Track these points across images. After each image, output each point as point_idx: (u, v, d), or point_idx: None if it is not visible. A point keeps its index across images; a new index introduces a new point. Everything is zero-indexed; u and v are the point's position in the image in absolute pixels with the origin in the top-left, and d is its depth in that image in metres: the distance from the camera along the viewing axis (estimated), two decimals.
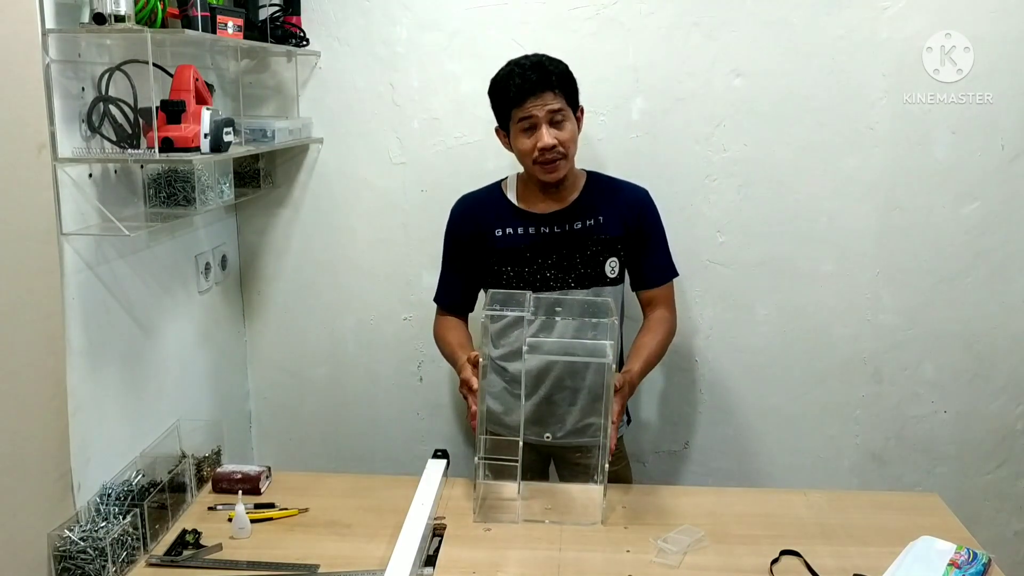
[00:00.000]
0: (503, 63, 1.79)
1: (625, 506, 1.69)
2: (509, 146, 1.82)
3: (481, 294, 1.91)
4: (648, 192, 1.90)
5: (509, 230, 1.84)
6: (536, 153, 1.72)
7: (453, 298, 1.92)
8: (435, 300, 1.95)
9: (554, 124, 1.72)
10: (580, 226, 1.83)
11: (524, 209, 1.85)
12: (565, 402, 1.85)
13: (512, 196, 1.87)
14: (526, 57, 1.76)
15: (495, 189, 1.91)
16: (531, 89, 1.70)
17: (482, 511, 1.65)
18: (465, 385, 1.62)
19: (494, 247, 1.84)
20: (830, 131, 2.13)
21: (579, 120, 1.81)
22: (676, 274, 1.92)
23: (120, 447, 1.69)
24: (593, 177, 1.89)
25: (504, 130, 1.81)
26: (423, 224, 2.24)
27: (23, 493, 1.38)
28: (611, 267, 1.83)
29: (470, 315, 1.96)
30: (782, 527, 1.62)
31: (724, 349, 2.28)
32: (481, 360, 1.59)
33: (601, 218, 1.83)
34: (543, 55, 1.77)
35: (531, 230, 1.83)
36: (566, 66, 1.77)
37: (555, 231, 1.83)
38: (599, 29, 2.12)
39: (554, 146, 1.71)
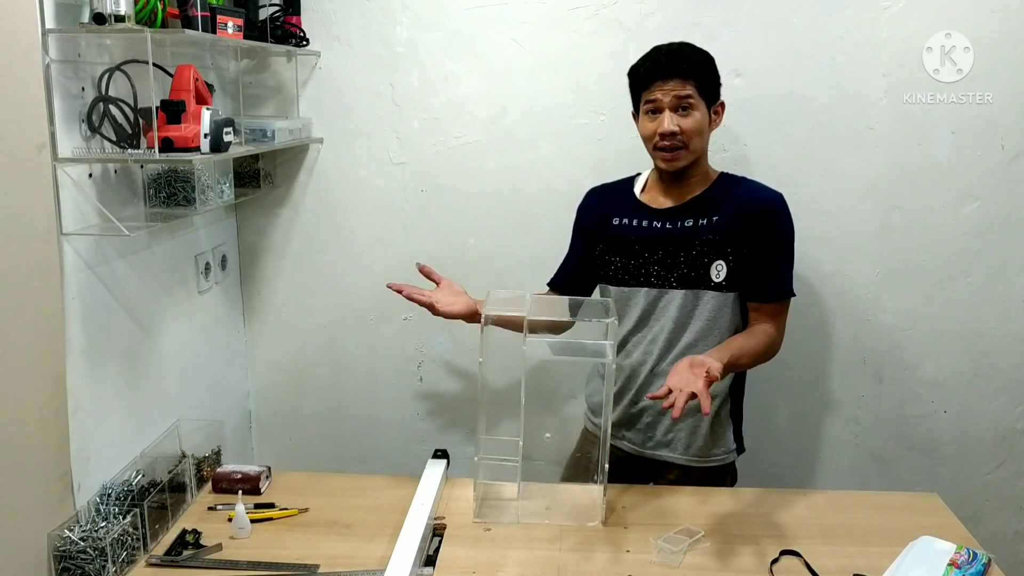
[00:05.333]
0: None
1: (625, 506, 1.69)
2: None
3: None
4: (782, 197, 1.75)
5: (625, 220, 1.80)
6: (656, 138, 1.68)
7: (560, 279, 1.93)
8: (548, 284, 1.95)
9: (680, 111, 1.67)
10: (691, 224, 1.74)
11: (644, 203, 1.80)
12: (652, 410, 1.81)
13: (638, 189, 1.83)
14: (669, 44, 1.72)
15: (626, 181, 1.87)
16: (659, 73, 1.66)
17: (482, 511, 1.65)
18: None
19: (608, 235, 1.81)
20: (830, 131, 2.13)
21: (717, 115, 1.74)
22: (792, 294, 1.77)
23: (120, 447, 1.69)
24: (725, 177, 1.80)
25: (637, 115, 1.76)
26: (423, 224, 2.24)
27: (23, 493, 1.38)
28: (717, 271, 1.72)
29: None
30: (782, 527, 1.62)
31: None
32: (480, 362, 1.59)
33: (716, 218, 1.73)
34: (689, 44, 1.71)
35: (644, 223, 1.78)
36: (708, 56, 1.71)
37: (666, 226, 1.75)
38: (599, 29, 2.12)
39: (674, 133, 1.66)
